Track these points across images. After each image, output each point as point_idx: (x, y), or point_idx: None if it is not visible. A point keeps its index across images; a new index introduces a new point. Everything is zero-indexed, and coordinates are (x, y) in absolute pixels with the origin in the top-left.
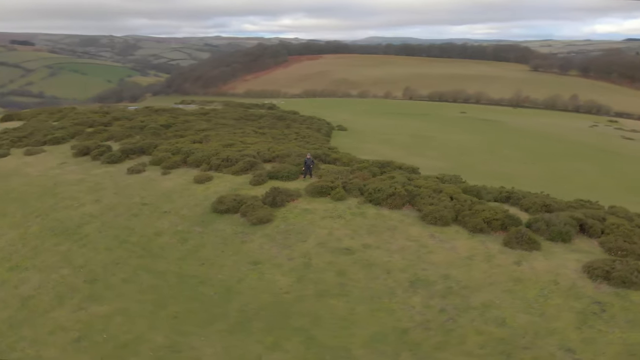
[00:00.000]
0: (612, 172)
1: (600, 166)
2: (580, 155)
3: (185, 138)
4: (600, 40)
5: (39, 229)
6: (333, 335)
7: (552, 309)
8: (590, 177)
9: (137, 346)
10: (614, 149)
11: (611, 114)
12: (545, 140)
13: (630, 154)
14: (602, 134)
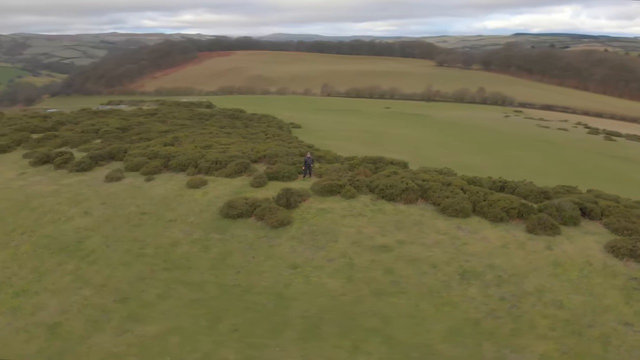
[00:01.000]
0: (553, 159)
1: (541, 153)
2: (518, 144)
3: (153, 141)
4: (491, 35)
5: (31, 248)
6: (410, 333)
7: (597, 288)
8: (538, 164)
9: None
10: (545, 138)
11: (515, 105)
12: (480, 131)
13: (560, 142)
14: (521, 124)
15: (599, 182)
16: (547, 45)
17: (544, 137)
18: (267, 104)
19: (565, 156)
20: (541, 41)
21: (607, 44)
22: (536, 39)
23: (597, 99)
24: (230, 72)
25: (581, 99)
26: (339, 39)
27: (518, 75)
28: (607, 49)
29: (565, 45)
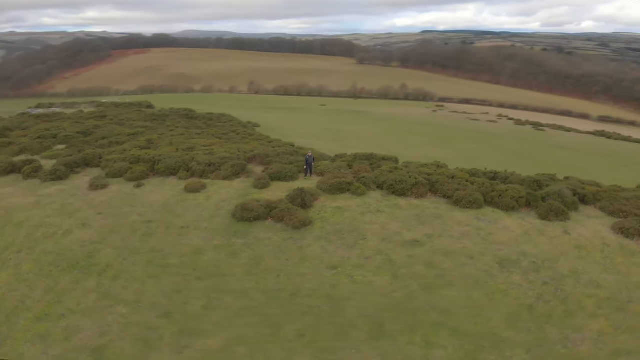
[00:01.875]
0: (503, 149)
1: (489, 145)
2: (464, 137)
3: (126, 145)
4: (400, 33)
5: (35, 266)
6: (472, 323)
7: (621, 267)
8: (492, 154)
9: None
10: (484, 130)
11: (436, 100)
12: (425, 126)
13: (500, 133)
14: (453, 118)
15: (553, 169)
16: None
17: (482, 129)
18: (203, 102)
19: (512, 146)
20: (447, 38)
21: (509, 39)
22: (443, 36)
23: (509, 92)
24: (148, 71)
25: (495, 92)
26: (253, 36)
27: (434, 72)
28: (514, 45)
29: (471, 42)
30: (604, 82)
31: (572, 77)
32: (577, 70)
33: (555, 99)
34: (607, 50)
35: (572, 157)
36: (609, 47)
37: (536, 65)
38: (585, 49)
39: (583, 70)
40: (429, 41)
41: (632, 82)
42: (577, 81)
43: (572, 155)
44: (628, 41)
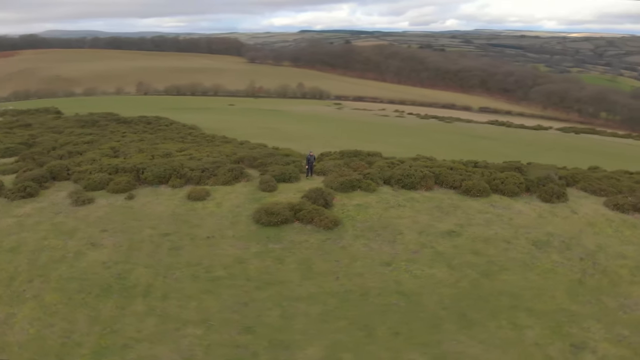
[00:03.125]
0: (436, 142)
1: (422, 138)
2: (395, 132)
3: (90, 154)
4: (279, 32)
5: (60, 296)
6: (541, 302)
7: (633, 238)
8: (432, 147)
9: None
10: (404, 125)
11: (332, 98)
12: (351, 123)
13: (417, 126)
14: (365, 115)
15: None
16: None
17: (399, 124)
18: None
19: (438, 138)
20: (325, 37)
21: (382, 38)
22: (320, 35)
23: (395, 89)
24: (21, 75)
25: (383, 89)
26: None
27: (325, 70)
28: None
29: (347, 41)
30: (479, 76)
31: (451, 72)
32: (454, 65)
33: (438, 94)
34: (471, 47)
35: (497, 146)
36: (472, 43)
37: (417, 62)
38: (452, 45)
39: (460, 66)
40: (317, 41)
41: (504, 75)
42: (455, 76)
43: (495, 144)
44: (489, 37)
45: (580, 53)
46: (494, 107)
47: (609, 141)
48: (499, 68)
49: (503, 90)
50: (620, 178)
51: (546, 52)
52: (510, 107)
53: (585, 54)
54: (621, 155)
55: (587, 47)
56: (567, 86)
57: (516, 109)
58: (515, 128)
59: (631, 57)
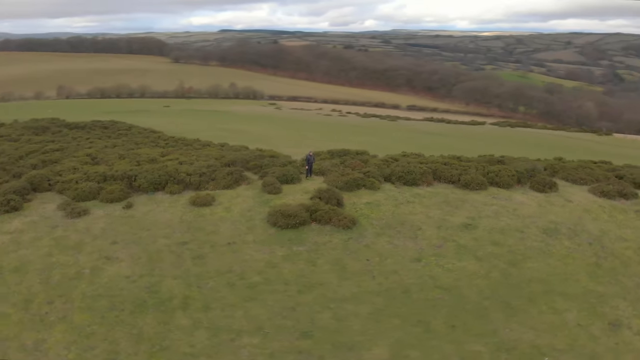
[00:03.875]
0: (391, 138)
1: (378, 136)
2: (349, 130)
3: (66, 162)
4: (198, 32)
5: (91, 316)
6: (570, 286)
7: (627, 222)
8: (388, 143)
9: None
10: (353, 124)
11: (266, 97)
12: (305, 123)
13: (365, 125)
14: (310, 115)
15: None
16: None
17: (348, 123)
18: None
19: (397, 136)
20: (246, 37)
21: (304, 38)
22: (241, 34)
23: (327, 88)
24: None
25: (315, 89)
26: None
27: (255, 70)
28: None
29: (275, 41)
30: (405, 75)
31: (378, 72)
32: (381, 65)
33: (368, 93)
34: (390, 46)
35: (452, 141)
36: (391, 43)
37: (345, 62)
38: (372, 45)
39: (387, 65)
40: (245, 40)
41: (429, 74)
42: (382, 75)
43: (450, 140)
44: (406, 37)
45: (492, 51)
46: (421, 105)
47: (546, 133)
48: (423, 67)
49: (427, 89)
50: (592, 168)
51: (460, 50)
52: (437, 104)
53: (496, 51)
54: (560, 146)
55: (498, 45)
56: (487, 83)
57: (442, 106)
58: (455, 124)
59: (539, 54)
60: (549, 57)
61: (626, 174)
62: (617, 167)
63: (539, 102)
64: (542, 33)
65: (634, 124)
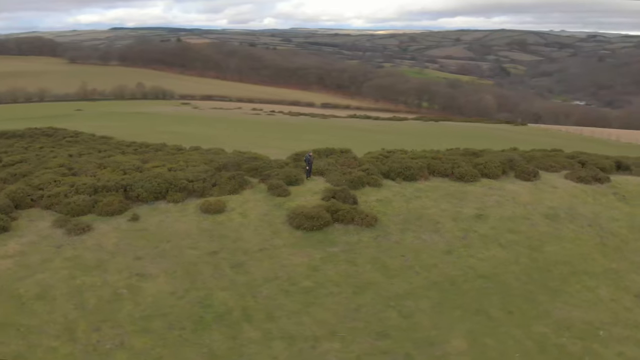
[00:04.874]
0: (338, 137)
1: (325, 134)
2: (292, 129)
3: (38, 175)
4: (87, 30)
5: (151, 339)
6: (590, 265)
7: (611, 203)
8: (337, 141)
9: None
10: (292, 122)
11: (177, 97)
12: (244, 123)
13: (300, 124)
14: (240, 114)
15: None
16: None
17: (282, 122)
18: None
19: (343, 134)
20: (139, 35)
21: (203, 36)
22: (135, 32)
23: (240, 87)
24: None
25: (228, 87)
26: None
27: (160, 69)
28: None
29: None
30: (316, 74)
31: (290, 70)
32: (292, 64)
33: (281, 91)
34: (291, 45)
35: (397, 138)
36: (292, 41)
37: (256, 60)
38: (273, 43)
39: (298, 64)
40: (146, 38)
41: (339, 72)
42: (294, 73)
43: (394, 137)
44: (306, 36)
45: (388, 49)
46: (334, 103)
47: (469, 126)
48: (332, 65)
49: (338, 86)
50: (555, 156)
51: (358, 49)
52: (349, 101)
53: (392, 49)
54: (488, 136)
55: (393, 43)
56: (394, 80)
57: (354, 103)
58: (383, 121)
59: (431, 51)
60: (441, 53)
61: (588, 160)
62: (573, 154)
63: (442, 97)
64: (432, 31)
65: (530, 114)
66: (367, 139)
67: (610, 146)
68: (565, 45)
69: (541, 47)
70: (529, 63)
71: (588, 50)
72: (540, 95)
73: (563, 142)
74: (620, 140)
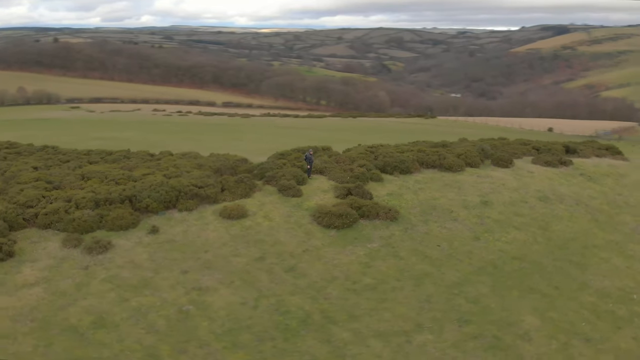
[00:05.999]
0: (281, 136)
1: (268, 134)
2: (225, 129)
3: (26, 192)
4: None
5: (248, 356)
6: (595, 239)
7: (583, 184)
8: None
9: None
10: (213, 123)
11: (63, 102)
12: (171, 124)
13: (222, 123)
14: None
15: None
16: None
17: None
18: None
19: (279, 132)
20: (4, 36)
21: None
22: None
23: (131, 88)
24: None
25: (118, 88)
26: None
27: (39, 72)
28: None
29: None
30: (212, 72)
31: (183, 69)
32: (185, 62)
33: (176, 90)
34: (174, 43)
35: (335, 134)
36: (173, 39)
37: (145, 59)
38: (153, 42)
39: (192, 62)
40: (20, 40)
41: (235, 70)
42: (188, 72)
43: (330, 134)
44: (188, 34)
45: (274, 47)
46: (236, 101)
47: (385, 121)
48: (228, 64)
49: (234, 85)
50: (508, 144)
51: (244, 47)
52: (250, 100)
53: (278, 47)
54: (407, 130)
55: (279, 41)
56: (291, 78)
57: (255, 101)
58: (303, 118)
59: (315, 49)
60: (325, 51)
61: (541, 147)
62: (524, 141)
63: (338, 94)
64: (316, 29)
65: (422, 108)
66: (309, 136)
67: (521, 133)
68: (438, 41)
69: (417, 44)
70: (407, 59)
71: (459, 46)
72: (421, 90)
73: (479, 132)
74: (524, 128)
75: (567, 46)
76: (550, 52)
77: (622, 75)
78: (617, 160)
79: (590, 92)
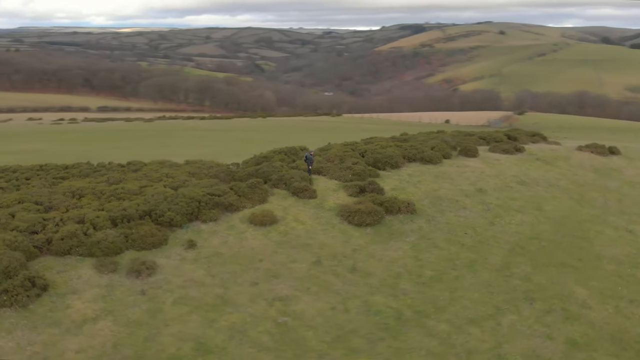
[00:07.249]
0: (218, 140)
1: (200, 138)
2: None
3: (18, 215)
4: None
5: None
6: (586, 215)
7: (543, 167)
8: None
9: None
10: (115, 129)
11: None
12: (62, 133)
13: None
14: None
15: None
16: None
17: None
18: None
19: (212, 136)
20: None
21: None
22: None
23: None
24: None
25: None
26: None
27: None
28: None
29: None
30: (81, 75)
31: (48, 73)
32: (49, 65)
33: (42, 97)
34: (25, 45)
35: (258, 136)
36: (23, 42)
37: (3, 64)
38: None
39: (57, 65)
40: None
41: (108, 72)
42: (53, 76)
43: (255, 135)
44: (39, 35)
45: (137, 47)
46: (113, 105)
47: (296, 120)
48: (99, 65)
49: (109, 88)
50: (455, 136)
51: (104, 47)
52: (128, 103)
53: (142, 47)
54: (319, 128)
55: (142, 41)
56: (173, 79)
57: (134, 104)
58: (210, 120)
59: (183, 49)
60: (194, 51)
61: (486, 137)
62: (467, 132)
63: (223, 94)
64: (182, 28)
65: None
66: (240, 139)
67: (425, 126)
68: (306, 41)
69: (286, 44)
70: (278, 59)
71: (326, 46)
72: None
73: (390, 127)
74: (422, 121)
75: (425, 44)
76: (410, 50)
77: (476, 69)
78: (552, 145)
79: (448, 86)
